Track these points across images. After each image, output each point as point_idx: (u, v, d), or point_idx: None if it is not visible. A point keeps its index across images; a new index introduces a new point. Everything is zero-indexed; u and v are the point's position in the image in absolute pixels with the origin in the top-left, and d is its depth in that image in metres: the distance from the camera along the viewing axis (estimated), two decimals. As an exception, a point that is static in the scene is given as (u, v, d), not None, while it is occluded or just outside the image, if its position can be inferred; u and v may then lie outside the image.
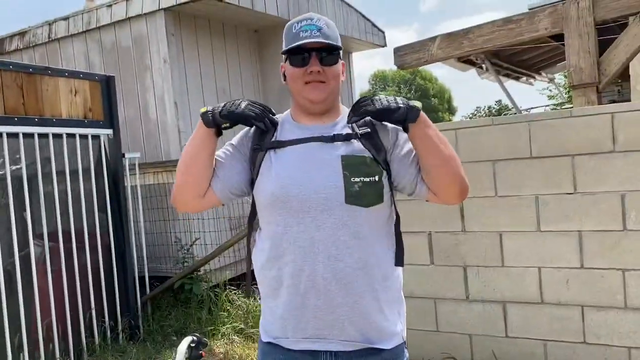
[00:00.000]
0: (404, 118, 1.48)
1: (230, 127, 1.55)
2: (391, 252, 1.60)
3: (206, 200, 1.60)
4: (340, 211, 1.49)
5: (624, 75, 6.58)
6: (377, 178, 1.51)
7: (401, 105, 1.47)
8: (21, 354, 4.00)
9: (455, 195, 1.56)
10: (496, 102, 33.10)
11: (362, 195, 1.49)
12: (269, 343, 1.60)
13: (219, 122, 1.52)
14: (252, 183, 1.60)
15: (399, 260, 1.63)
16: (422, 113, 1.50)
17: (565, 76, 12.62)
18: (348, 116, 1.54)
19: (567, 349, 3.31)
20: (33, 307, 4.13)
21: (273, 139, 1.59)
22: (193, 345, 1.86)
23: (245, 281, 1.84)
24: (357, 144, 1.55)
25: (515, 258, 3.44)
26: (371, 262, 1.52)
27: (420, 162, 1.55)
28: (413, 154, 1.57)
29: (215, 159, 1.60)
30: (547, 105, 16.41)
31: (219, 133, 1.57)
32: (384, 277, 1.55)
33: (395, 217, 1.62)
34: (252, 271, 1.66)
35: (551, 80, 8.87)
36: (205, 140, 1.55)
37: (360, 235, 1.51)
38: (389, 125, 1.58)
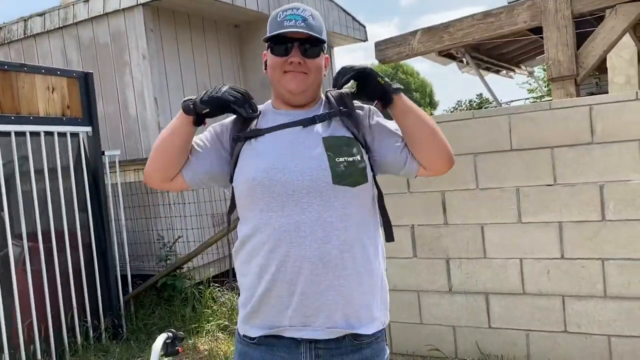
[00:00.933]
0: (386, 90, 1.49)
1: (211, 115, 1.52)
2: (376, 234, 1.59)
3: (173, 184, 1.59)
4: (327, 192, 1.47)
5: (601, 67, 6.69)
6: (359, 157, 1.51)
7: (385, 78, 1.50)
8: (1, 356, 3.94)
9: (445, 165, 1.57)
10: (477, 95, 33.31)
11: (347, 174, 1.48)
12: (247, 344, 1.57)
13: (198, 109, 1.50)
14: (230, 174, 1.58)
15: (389, 236, 1.62)
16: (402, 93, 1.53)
17: (544, 69, 12.75)
18: (334, 80, 1.52)
19: (548, 339, 3.35)
20: (13, 308, 4.07)
21: (253, 127, 1.58)
22: (169, 341, 1.82)
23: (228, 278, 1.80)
24: (336, 125, 1.55)
25: (496, 250, 3.47)
26: (357, 245, 1.51)
27: (407, 139, 1.55)
28: (395, 130, 1.58)
29: (193, 144, 1.58)
30: (527, 99, 16.58)
31: (197, 122, 1.54)
32: (368, 261, 1.54)
33: (377, 194, 1.61)
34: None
35: (530, 73, 8.96)
36: (181, 128, 1.53)
37: (346, 217, 1.49)
38: (365, 107, 1.61)
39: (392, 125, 1.60)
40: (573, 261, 3.27)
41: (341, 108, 1.56)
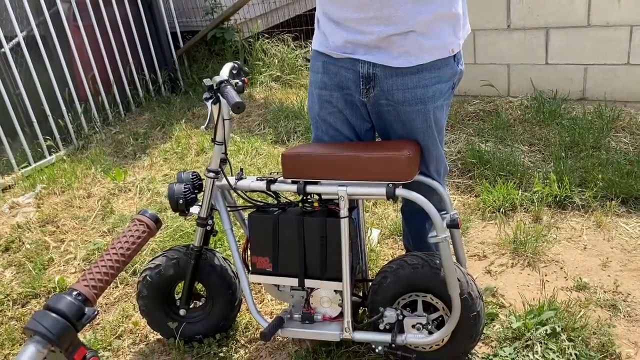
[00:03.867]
0: None
1: None
2: None
3: None
4: None
5: None
6: None
7: None
8: (73, 107, 4.23)
9: None
10: None
11: None
12: (317, 51, 1.69)
13: None
14: None
15: None
16: None
17: None
18: None
19: (607, 72, 3.26)
20: (74, 62, 4.22)
21: None
22: (235, 72, 1.81)
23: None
24: None
25: (564, -22, 3.19)
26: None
27: None
28: None
29: None
30: None
31: None
32: (430, 7, 1.47)
33: None
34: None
35: None
36: None
37: None
38: None
39: None
40: (649, -13, 2.99)
41: None
